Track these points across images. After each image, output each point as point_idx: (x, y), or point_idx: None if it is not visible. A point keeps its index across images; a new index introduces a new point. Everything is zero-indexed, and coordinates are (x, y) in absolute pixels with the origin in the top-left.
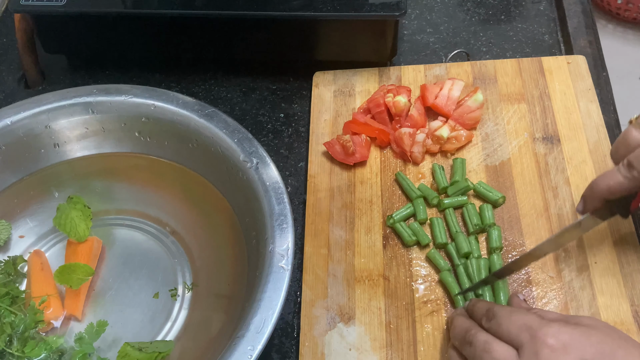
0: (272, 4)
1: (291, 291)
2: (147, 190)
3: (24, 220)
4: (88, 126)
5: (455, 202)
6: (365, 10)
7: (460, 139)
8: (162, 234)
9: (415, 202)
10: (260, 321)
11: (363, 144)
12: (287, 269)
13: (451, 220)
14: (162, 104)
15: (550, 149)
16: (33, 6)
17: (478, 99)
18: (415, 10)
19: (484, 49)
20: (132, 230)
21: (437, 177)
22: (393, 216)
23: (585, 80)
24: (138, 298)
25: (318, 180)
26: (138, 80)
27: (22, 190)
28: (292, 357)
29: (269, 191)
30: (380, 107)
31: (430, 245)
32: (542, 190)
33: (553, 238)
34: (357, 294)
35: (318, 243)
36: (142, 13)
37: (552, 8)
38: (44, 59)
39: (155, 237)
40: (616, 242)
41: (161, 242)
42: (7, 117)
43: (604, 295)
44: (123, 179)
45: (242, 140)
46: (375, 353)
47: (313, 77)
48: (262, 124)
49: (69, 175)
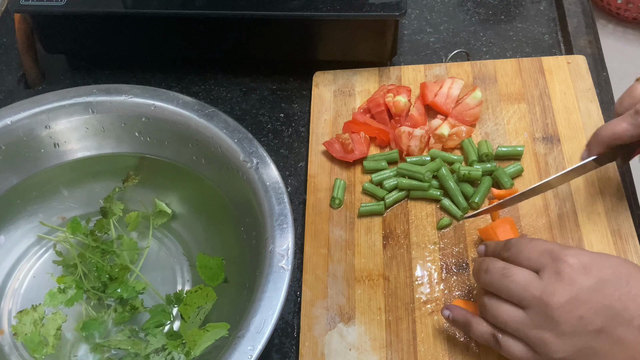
0: (272, 4)
1: (291, 291)
2: (147, 190)
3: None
4: (88, 126)
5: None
6: (365, 10)
7: (461, 134)
8: (161, 233)
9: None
10: (260, 321)
11: (362, 141)
12: (287, 269)
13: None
14: (162, 104)
15: (550, 149)
16: (33, 6)
17: (477, 96)
18: (415, 10)
19: (484, 49)
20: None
21: (467, 149)
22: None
23: (585, 80)
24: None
25: (318, 180)
26: (138, 80)
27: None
28: (292, 357)
29: (269, 191)
30: (380, 107)
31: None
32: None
33: (559, 176)
34: (357, 294)
35: (318, 243)
36: (142, 13)
37: (552, 8)
38: (44, 59)
39: (154, 237)
40: (616, 242)
41: (161, 242)
42: (7, 117)
43: None
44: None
45: (242, 140)
46: (375, 353)
47: (313, 77)
48: (262, 124)
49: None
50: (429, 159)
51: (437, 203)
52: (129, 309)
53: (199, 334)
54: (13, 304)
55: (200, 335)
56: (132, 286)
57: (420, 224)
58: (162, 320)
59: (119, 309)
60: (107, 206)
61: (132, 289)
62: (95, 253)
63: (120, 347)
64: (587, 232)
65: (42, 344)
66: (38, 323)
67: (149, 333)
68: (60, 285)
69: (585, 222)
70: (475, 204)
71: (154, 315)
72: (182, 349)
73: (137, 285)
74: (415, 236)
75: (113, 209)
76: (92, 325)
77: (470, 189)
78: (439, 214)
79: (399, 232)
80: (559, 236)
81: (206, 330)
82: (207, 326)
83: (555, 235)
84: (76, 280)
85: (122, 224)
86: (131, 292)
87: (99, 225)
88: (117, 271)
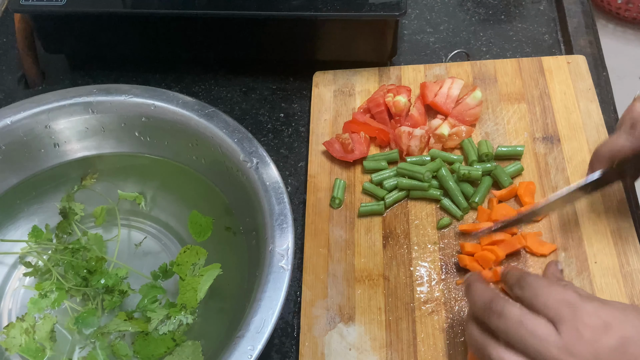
0: (272, 4)
1: (291, 291)
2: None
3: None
4: (88, 126)
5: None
6: (365, 10)
7: (461, 134)
8: (162, 233)
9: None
10: (260, 321)
11: (362, 140)
12: (287, 269)
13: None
14: (162, 103)
15: (550, 149)
16: (33, 6)
17: (477, 96)
18: (415, 10)
19: (484, 49)
20: (132, 230)
21: (467, 149)
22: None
23: (585, 80)
24: (138, 298)
25: (318, 180)
26: (138, 80)
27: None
28: (292, 357)
29: (269, 191)
30: (380, 107)
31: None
32: (542, 190)
33: (564, 195)
34: (357, 294)
35: (318, 243)
36: (142, 13)
37: (552, 8)
38: (44, 59)
39: (155, 237)
40: (616, 242)
41: (161, 242)
42: (7, 117)
43: (604, 295)
44: (123, 179)
45: (242, 140)
46: (375, 353)
47: (313, 77)
48: (262, 124)
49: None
50: (429, 159)
51: (437, 203)
52: (117, 294)
53: (196, 280)
54: (13, 304)
55: (197, 281)
56: (115, 273)
57: (420, 224)
58: (156, 294)
59: (107, 298)
60: (66, 206)
61: (115, 276)
62: (65, 254)
63: (120, 329)
64: (587, 232)
65: (39, 349)
66: (30, 331)
67: (148, 309)
68: (41, 291)
69: (585, 222)
70: (475, 204)
71: (146, 293)
72: (185, 312)
73: (119, 272)
74: (415, 236)
75: (74, 209)
76: (85, 317)
77: (470, 189)
78: (439, 214)
79: (399, 232)
80: (559, 236)
81: (201, 275)
82: (200, 271)
83: (555, 235)
84: (55, 283)
85: (90, 221)
86: (115, 279)
87: (61, 228)
88: (94, 264)
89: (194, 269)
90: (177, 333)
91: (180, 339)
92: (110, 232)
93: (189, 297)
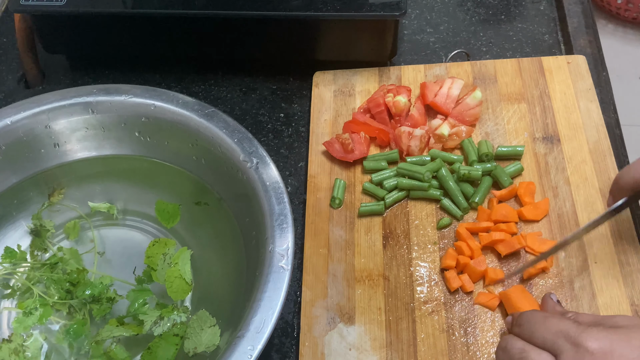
0: (272, 4)
1: (291, 291)
2: (147, 190)
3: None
4: (88, 126)
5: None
6: (365, 10)
7: (461, 134)
8: (162, 234)
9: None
10: (260, 321)
11: (362, 140)
12: (287, 269)
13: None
14: (162, 104)
15: (550, 149)
16: (33, 6)
17: (477, 96)
18: (415, 10)
19: (484, 49)
20: (132, 230)
21: (467, 149)
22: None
23: (585, 80)
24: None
25: (318, 180)
26: (138, 80)
27: (21, 190)
28: (292, 357)
29: (269, 191)
30: (380, 107)
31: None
32: (542, 190)
33: (590, 224)
34: (357, 294)
35: (318, 243)
36: (142, 13)
37: (552, 8)
38: (44, 59)
39: (155, 237)
40: (616, 242)
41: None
42: (7, 117)
43: (604, 295)
44: (123, 179)
45: (242, 140)
46: (375, 353)
47: (313, 77)
48: (262, 124)
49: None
50: (429, 159)
51: (437, 203)
52: (105, 301)
53: (175, 269)
54: (12, 305)
55: (176, 269)
56: (100, 282)
57: (420, 224)
58: (145, 297)
59: (95, 307)
60: (37, 224)
61: (100, 284)
62: (45, 270)
63: (114, 335)
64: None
65: None
66: (19, 350)
67: (139, 312)
68: (24, 309)
69: (585, 222)
70: (475, 204)
71: (135, 298)
72: (177, 312)
73: (103, 280)
74: (415, 236)
75: (45, 226)
76: (75, 329)
77: (470, 189)
78: (439, 214)
79: (399, 232)
80: (559, 236)
81: (175, 263)
82: (173, 259)
83: (555, 235)
84: (38, 300)
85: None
86: (101, 287)
87: (35, 245)
88: (76, 276)
89: (165, 259)
90: (176, 329)
91: (182, 331)
92: (85, 245)
93: (177, 285)
